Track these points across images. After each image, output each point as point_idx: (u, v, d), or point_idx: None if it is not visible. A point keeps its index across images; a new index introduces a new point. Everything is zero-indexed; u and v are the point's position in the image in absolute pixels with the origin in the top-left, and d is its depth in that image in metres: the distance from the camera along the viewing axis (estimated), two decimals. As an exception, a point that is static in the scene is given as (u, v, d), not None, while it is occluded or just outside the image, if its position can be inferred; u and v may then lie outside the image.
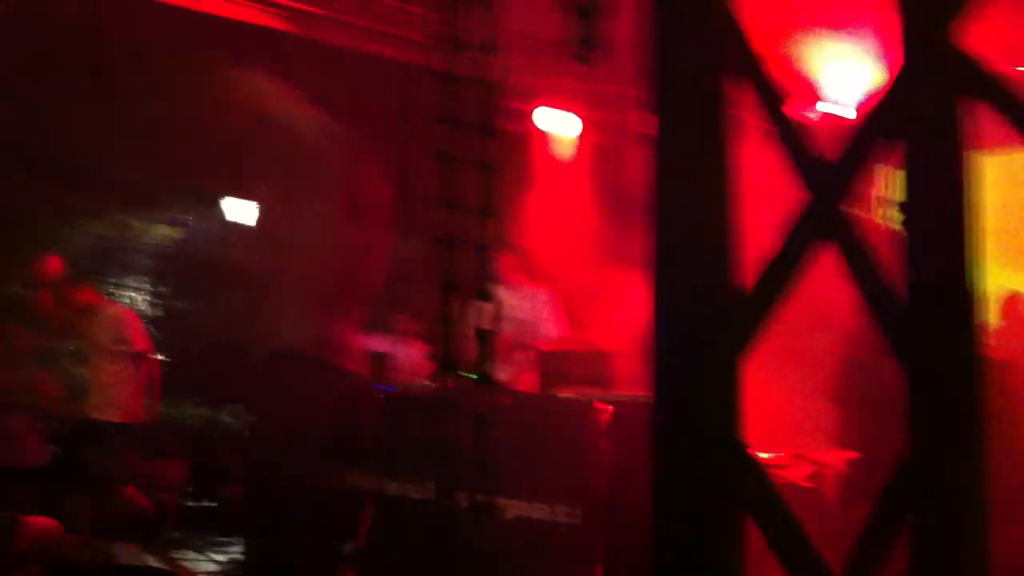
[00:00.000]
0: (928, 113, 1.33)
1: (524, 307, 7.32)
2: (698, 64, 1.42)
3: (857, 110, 7.51)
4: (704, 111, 1.41)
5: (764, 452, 7.72)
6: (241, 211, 12.04)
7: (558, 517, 5.86)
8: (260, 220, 11.78)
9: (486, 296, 1.61)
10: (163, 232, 11.74)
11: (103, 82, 11.03)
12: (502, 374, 7.21)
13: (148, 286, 10.24)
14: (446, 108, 1.61)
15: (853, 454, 6.34)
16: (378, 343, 9.61)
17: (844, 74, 7.80)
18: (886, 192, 5.93)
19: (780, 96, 1.46)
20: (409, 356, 9.27)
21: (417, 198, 1.67)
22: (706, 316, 1.38)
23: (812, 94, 7.54)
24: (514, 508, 6.10)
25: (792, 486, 6.62)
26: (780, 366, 9.94)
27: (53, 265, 9.10)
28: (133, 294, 10.12)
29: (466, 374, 1.67)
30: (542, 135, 9.82)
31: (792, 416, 9.46)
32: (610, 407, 5.59)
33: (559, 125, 9.87)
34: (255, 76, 9.01)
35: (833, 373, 7.00)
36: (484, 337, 1.61)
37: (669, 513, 1.39)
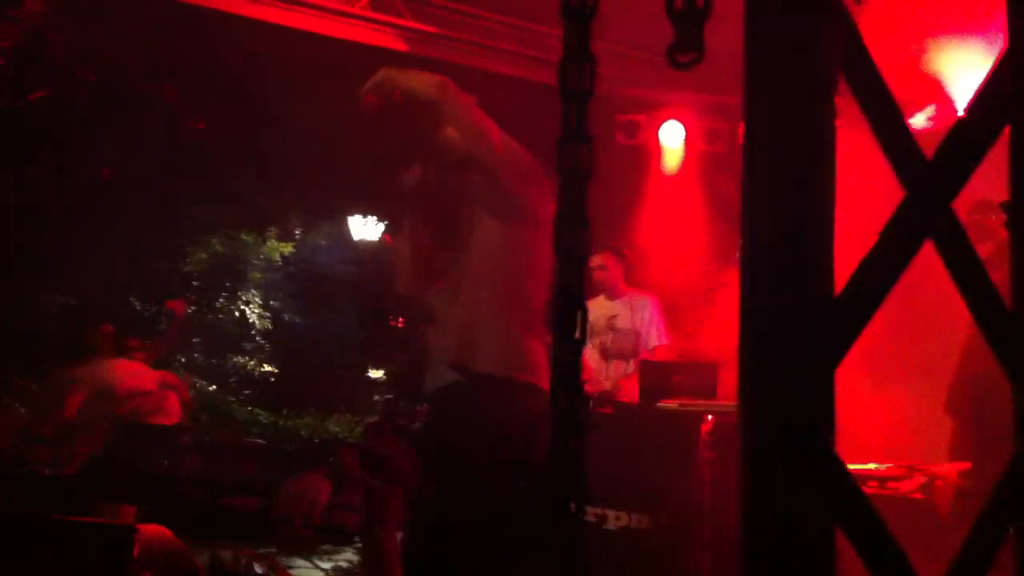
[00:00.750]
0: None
1: (629, 316, 7.26)
2: (795, 65, 1.36)
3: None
4: (800, 112, 1.36)
5: (877, 464, 7.56)
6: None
7: (660, 526, 5.80)
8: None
9: (580, 305, 1.57)
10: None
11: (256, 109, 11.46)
12: (606, 383, 7.19)
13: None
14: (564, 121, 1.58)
15: (966, 465, 6.14)
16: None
17: (962, 78, 7.58)
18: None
19: (883, 92, 1.40)
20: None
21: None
22: (797, 323, 1.32)
23: (926, 98, 7.33)
24: (617, 518, 6.07)
25: (904, 498, 6.45)
26: (896, 376, 9.75)
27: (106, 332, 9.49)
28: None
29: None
30: (656, 145, 9.79)
31: (907, 427, 9.23)
32: (712, 417, 5.51)
33: (671, 135, 9.83)
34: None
35: (949, 383, 6.79)
36: (576, 345, 1.58)
37: (758, 526, 1.34)
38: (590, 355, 7.27)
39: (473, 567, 3.75)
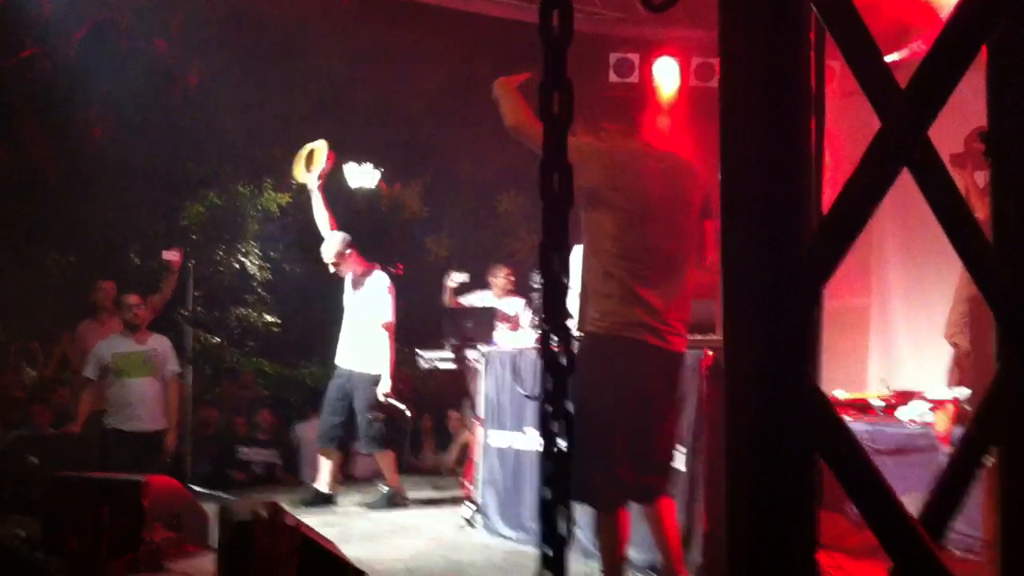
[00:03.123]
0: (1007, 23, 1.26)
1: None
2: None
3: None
4: (773, 37, 1.35)
5: (876, 393, 7.61)
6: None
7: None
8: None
9: (560, 247, 1.58)
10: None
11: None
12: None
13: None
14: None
15: (965, 391, 6.19)
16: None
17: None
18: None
19: (855, 21, 1.40)
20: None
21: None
22: (778, 252, 1.33)
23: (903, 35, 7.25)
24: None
25: (903, 424, 6.51)
26: (897, 306, 9.78)
27: (110, 292, 9.52)
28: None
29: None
30: (650, 82, 9.74)
31: (912, 357, 9.29)
32: (711, 352, 5.53)
33: (666, 72, 9.78)
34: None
35: (948, 311, 6.83)
36: (560, 289, 1.58)
37: (739, 454, 1.36)
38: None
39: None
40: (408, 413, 8.90)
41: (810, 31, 1.42)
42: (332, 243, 8.84)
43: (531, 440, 6.87)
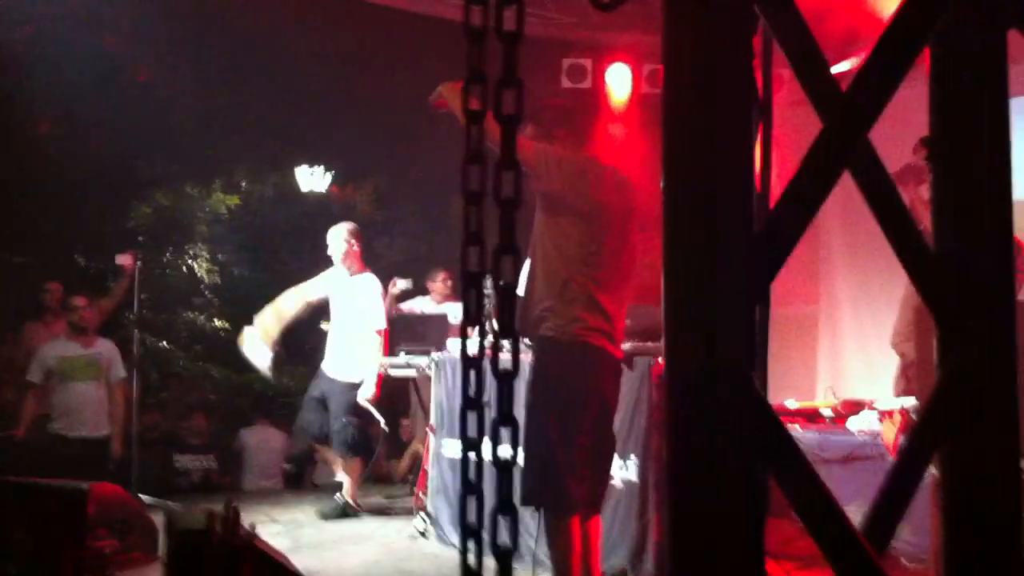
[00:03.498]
0: (947, 29, 1.25)
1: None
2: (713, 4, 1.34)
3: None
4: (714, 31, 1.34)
5: (825, 402, 7.65)
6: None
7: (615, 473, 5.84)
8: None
9: (511, 250, 1.56)
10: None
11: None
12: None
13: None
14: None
15: (911, 400, 6.23)
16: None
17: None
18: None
19: (799, 24, 1.39)
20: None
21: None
22: (718, 258, 1.32)
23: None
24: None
25: (852, 436, 6.54)
26: (845, 315, 9.86)
27: (57, 293, 9.39)
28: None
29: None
30: (602, 88, 9.75)
31: (860, 365, 9.36)
32: (662, 360, 5.53)
33: (618, 78, 9.79)
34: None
35: (894, 320, 6.88)
36: (508, 290, 1.56)
37: (681, 460, 1.34)
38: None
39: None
40: (383, 424, 8.75)
41: (753, 34, 1.40)
42: (338, 231, 8.49)
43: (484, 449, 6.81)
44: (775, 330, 1.89)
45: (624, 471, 5.68)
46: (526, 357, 4.61)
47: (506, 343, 1.52)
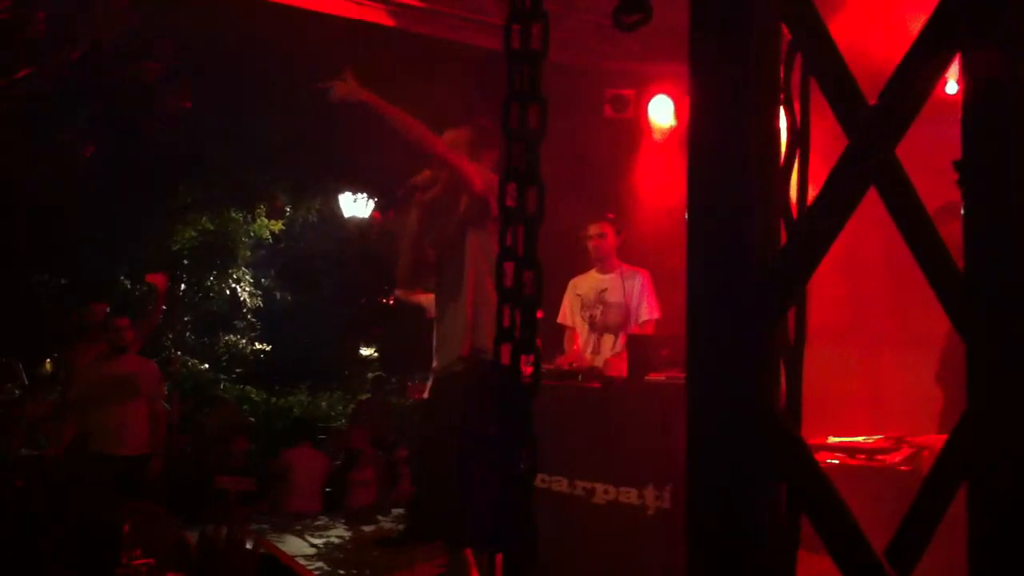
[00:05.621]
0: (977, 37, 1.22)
1: (620, 290, 7.22)
2: (737, 15, 1.33)
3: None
4: (740, 65, 1.32)
5: (866, 436, 7.54)
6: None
7: (647, 501, 5.79)
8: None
9: (532, 264, 1.55)
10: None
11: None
12: (596, 359, 7.16)
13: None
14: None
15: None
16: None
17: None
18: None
19: (824, 35, 1.37)
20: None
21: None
22: (737, 282, 1.29)
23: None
24: (605, 492, 6.05)
25: (892, 469, 6.44)
26: (886, 348, 9.74)
27: (100, 314, 9.44)
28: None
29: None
30: (645, 119, 9.73)
31: (897, 399, 9.22)
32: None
33: (660, 109, 9.77)
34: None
35: (939, 353, 6.77)
36: (530, 304, 1.55)
37: (702, 491, 1.31)
38: (580, 327, 7.27)
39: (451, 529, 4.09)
40: None
41: (779, 56, 1.39)
42: None
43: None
44: (816, 364, 1.86)
45: (660, 500, 5.63)
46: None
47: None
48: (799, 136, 1.94)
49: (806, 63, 1.36)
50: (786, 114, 1.96)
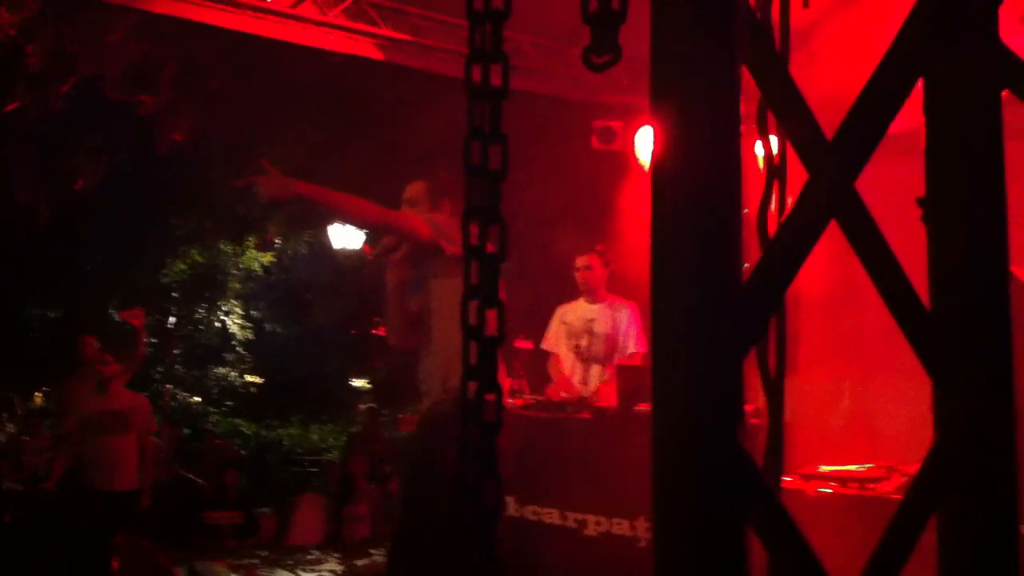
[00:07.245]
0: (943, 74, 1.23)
1: (608, 321, 7.23)
2: (699, 49, 1.34)
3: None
4: (700, 93, 1.33)
5: (858, 465, 7.52)
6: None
7: (639, 532, 5.78)
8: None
9: (493, 302, 1.56)
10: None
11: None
12: (584, 389, 7.15)
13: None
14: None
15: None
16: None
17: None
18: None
19: (782, 72, 1.38)
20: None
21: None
22: (702, 315, 1.30)
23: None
24: (596, 524, 6.04)
25: (883, 498, 6.42)
26: (878, 377, 9.73)
27: (91, 347, 9.41)
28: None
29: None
30: (632, 151, 9.74)
31: (888, 428, 9.21)
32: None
33: (647, 141, 9.78)
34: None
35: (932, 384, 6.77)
36: (491, 343, 1.56)
37: (667, 522, 1.31)
38: (565, 357, 7.26)
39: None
40: None
41: (738, 94, 1.40)
42: None
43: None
44: (810, 393, 1.86)
45: (652, 531, 5.61)
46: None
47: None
48: (776, 169, 1.95)
49: (764, 98, 1.37)
50: (764, 147, 1.97)
